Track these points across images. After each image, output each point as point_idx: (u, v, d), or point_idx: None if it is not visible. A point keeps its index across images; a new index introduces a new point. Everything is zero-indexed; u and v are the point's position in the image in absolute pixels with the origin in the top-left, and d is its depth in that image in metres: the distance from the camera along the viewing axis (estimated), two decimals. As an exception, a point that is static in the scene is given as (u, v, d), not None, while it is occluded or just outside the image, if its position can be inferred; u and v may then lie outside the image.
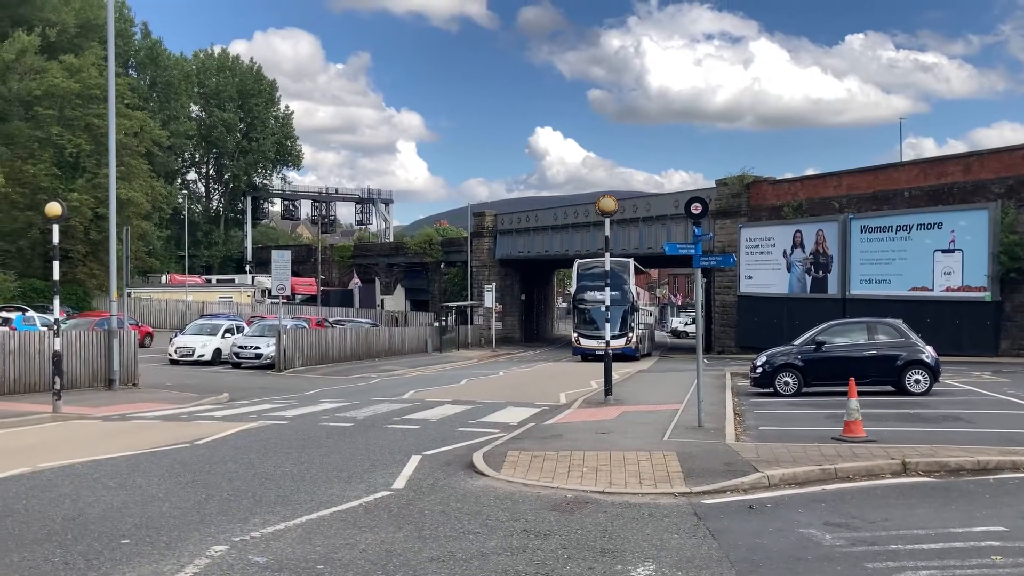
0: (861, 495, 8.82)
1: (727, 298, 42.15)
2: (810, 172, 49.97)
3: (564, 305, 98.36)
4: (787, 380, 18.50)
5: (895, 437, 11.79)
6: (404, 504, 8.39)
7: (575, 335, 37.29)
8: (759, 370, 19.09)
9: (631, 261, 36.96)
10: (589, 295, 35.82)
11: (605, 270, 32.60)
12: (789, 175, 44.68)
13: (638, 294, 38.43)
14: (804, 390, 18.35)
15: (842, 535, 7.19)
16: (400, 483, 9.40)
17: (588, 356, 35.18)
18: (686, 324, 67.14)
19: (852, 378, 12.41)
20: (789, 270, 38.51)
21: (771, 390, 18.63)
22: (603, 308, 34.12)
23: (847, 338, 18.93)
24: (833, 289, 36.20)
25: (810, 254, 37.49)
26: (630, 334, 35.74)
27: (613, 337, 32.96)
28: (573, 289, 37.55)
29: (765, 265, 39.63)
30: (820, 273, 37.04)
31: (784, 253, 38.72)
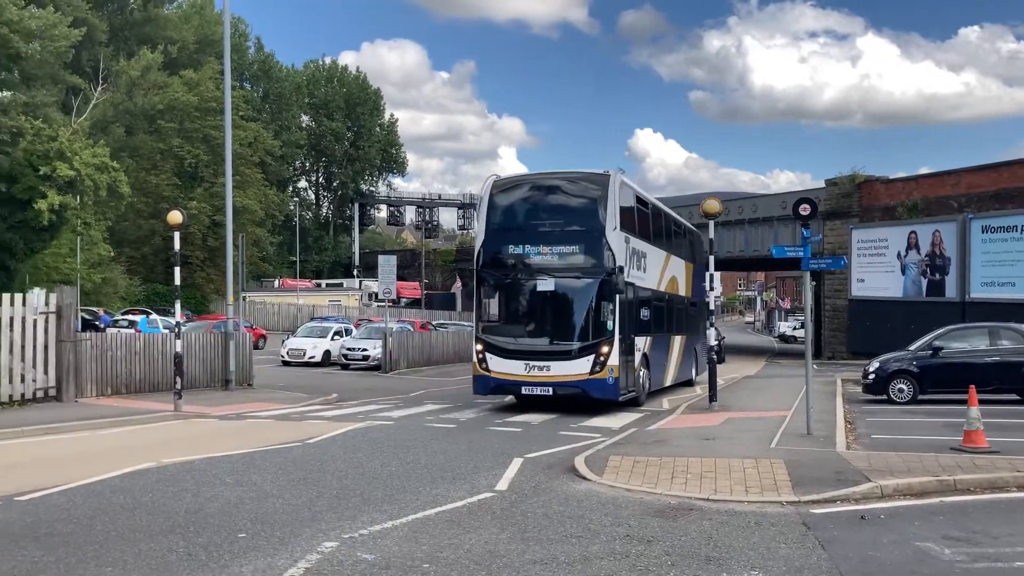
0: (983, 508, 8.41)
1: (838, 302, 40.81)
2: (925, 171, 47.91)
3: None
4: (901, 387, 17.82)
5: (1020, 448, 11.17)
6: (507, 506, 8.47)
7: (478, 347, 17.03)
8: (872, 376, 18.45)
9: (615, 177, 16.80)
10: (516, 252, 16.92)
11: (560, 194, 17.28)
12: (902, 174, 43.00)
13: (641, 259, 18.31)
14: (920, 397, 17.65)
15: (963, 550, 6.88)
16: (503, 485, 9.49)
17: (518, 396, 17.54)
18: (794, 329, 65.32)
19: (972, 386, 11.85)
20: (903, 272, 37.00)
21: (884, 397, 17.98)
22: (543, 286, 16.37)
23: (967, 343, 18.09)
24: (951, 292, 34.57)
25: (926, 256, 35.92)
26: (606, 349, 16.07)
27: (563, 355, 16.15)
28: (479, 240, 17.74)
29: (878, 267, 38.17)
30: (937, 276, 35.44)
31: (898, 255, 37.22)
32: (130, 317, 37.94)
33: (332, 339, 33.41)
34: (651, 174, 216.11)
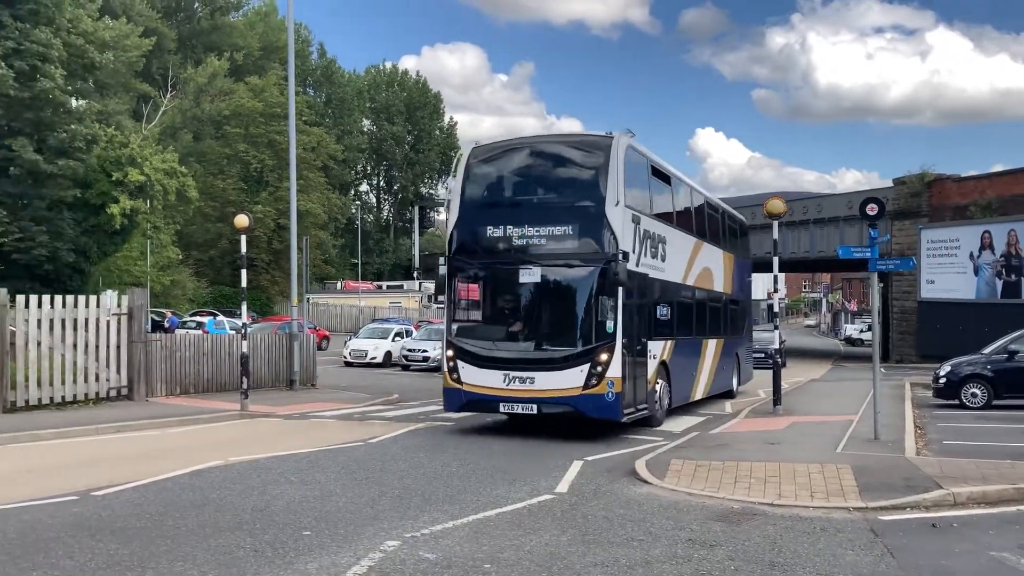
0: (1062, 518, 8.11)
1: (906, 304, 39.79)
2: (999, 168, 46.40)
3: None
4: (975, 391, 17.30)
5: (1102, 456, 10.75)
6: (567, 508, 8.46)
7: (449, 353, 14.10)
8: (943, 380, 17.95)
9: (620, 140, 13.82)
10: (495, 234, 14.02)
11: (552, 162, 14.43)
12: (974, 172, 41.70)
13: (658, 245, 15.26)
14: (994, 403, 17.10)
15: (1040, 560, 6.64)
16: (563, 487, 9.49)
17: (509, 414, 13.76)
18: (861, 331, 63.88)
19: (1051, 391, 11.46)
20: (976, 274, 35.89)
21: (956, 402, 17.47)
22: (527, 277, 13.55)
23: (1045, 347, 17.46)
24: (1028, 294, 33.41)
25: (1001, 256, 34.77)
26: (604, 356, 13.08)
27: (551, 363, 13.18)
28: (451, 221, 14.74)
29: (949, 268, 37.10)
30: (1012, 277, 34.27)
31: (971, 255, 36.11)
32: (198, 318, 38.88)
33: (393, 340, 33.73)
34: (713, 174, 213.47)
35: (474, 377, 13.61)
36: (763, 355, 32.84)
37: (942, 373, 18.14)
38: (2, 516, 7.74)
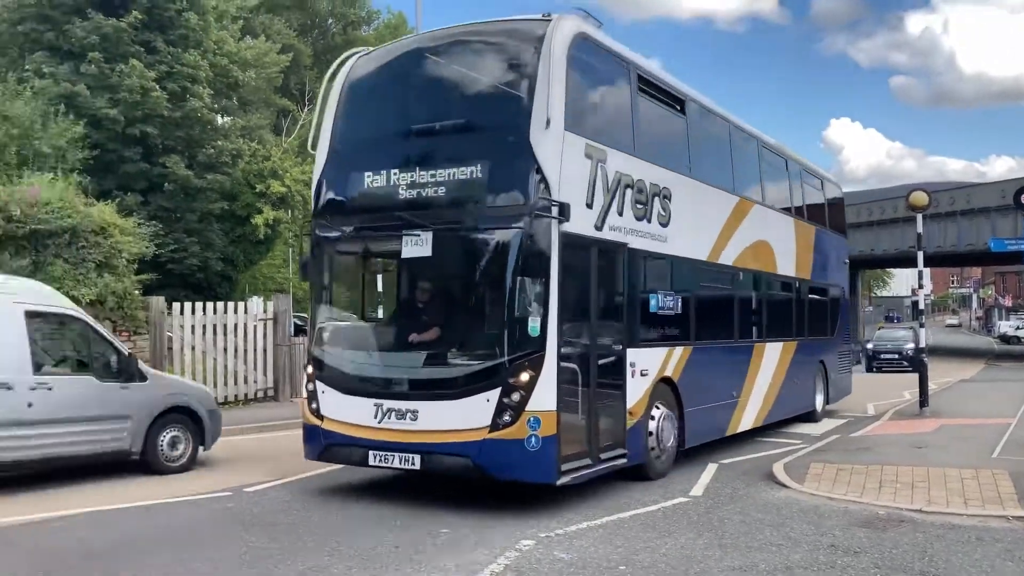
0: None
1: (1068, 298, 37.05)
2: None
3: (870, 309, 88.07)
4: None
5: None
6: (703, 511, 8.34)
7: (308, 370, 9.18)
8: (1112, 381, 16.62)
9: (561, 25, 8.49)
10: (374, 184, 8.93)
11: (462, 70, 9.44)
12: None
13: (652, 199, 9.87)
14: None
15: None
16: (698, 490, 9.37)
17: (382, 468, 8.79)
18: (1017, 328, 59.87)
19: None
20: None
21: None
22: (413, 248, 8.52)
23: None
24: None
25: None
26: (525, 376, 7.84)
27: (441, 387, 8.36)
28: (317, 168, 9.61)
29: (1118, 259, 34.33)
30: None
31: None
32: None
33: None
34: (849, 166, 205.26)
35: (337, 409, 8.80)
36: (896, 356, 31.04)
37: (1112, 373, 16.82)
38: (168, 510, 8.33)
